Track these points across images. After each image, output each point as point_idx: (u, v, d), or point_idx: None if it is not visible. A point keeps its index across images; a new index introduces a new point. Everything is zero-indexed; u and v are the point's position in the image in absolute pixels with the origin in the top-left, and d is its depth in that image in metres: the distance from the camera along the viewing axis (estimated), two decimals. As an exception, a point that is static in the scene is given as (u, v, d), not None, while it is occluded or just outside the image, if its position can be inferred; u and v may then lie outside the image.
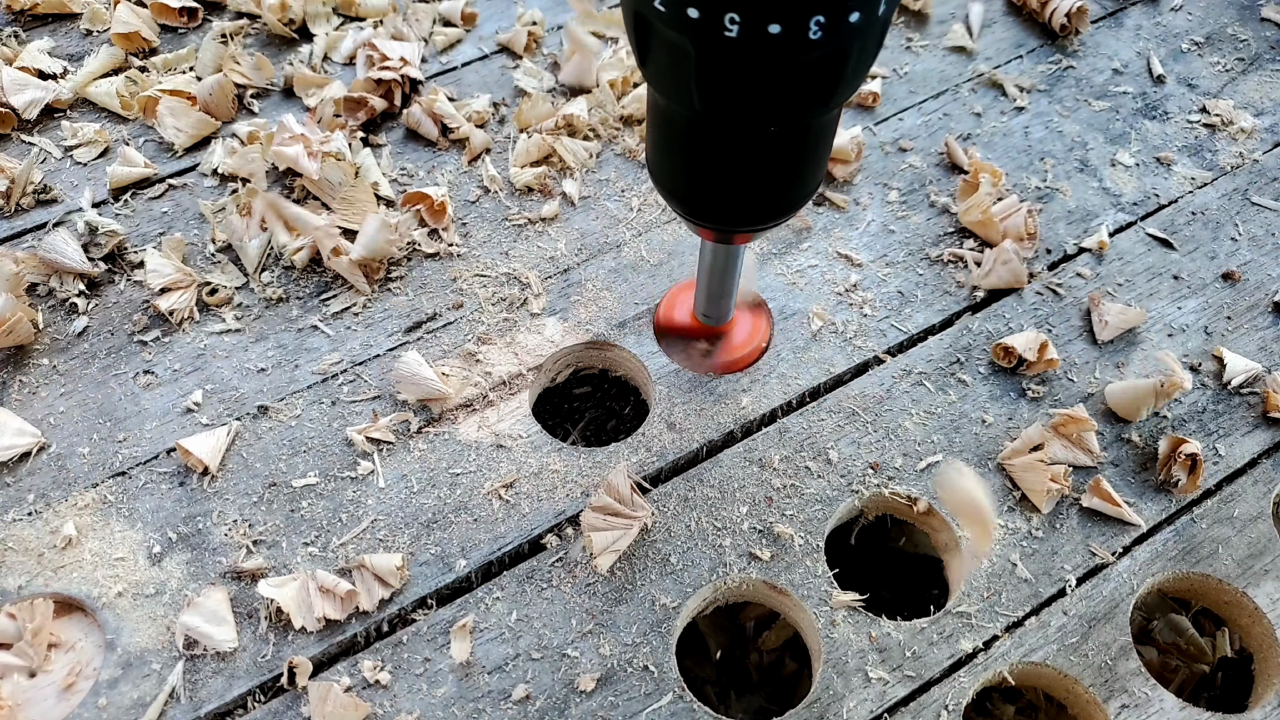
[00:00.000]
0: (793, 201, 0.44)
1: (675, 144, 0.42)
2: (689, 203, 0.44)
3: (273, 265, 0.63)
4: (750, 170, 0.41)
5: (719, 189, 0.43)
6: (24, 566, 0.50)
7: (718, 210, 0.44)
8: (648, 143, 0.45)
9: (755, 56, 0.34)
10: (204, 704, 0.47)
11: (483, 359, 0.59)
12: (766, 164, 0.41)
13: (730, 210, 0.44)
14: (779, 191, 0.43)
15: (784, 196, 0.43)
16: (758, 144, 0.40)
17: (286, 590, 0.49)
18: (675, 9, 0.34)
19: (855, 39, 0.34)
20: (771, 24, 0.33)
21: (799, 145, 0.41)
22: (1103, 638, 0.51)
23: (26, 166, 0.66)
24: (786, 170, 0.42)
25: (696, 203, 0.44)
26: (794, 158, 0.41)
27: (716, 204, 0.44)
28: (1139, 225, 0.68)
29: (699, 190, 0.43)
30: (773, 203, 0.43)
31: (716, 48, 0.34)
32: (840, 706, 0.48)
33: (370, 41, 0.74)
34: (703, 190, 0.43)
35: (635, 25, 0.37)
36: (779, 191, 0.43)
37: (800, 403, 0.58)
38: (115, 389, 0.57)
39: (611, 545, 0.50)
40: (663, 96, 0.39)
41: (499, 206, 0.67)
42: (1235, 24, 0.82)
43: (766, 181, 0.42)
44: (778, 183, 0.42)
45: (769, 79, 0.35)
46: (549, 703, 0.47)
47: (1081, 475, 0.56)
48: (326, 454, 0.55)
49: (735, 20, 0.33)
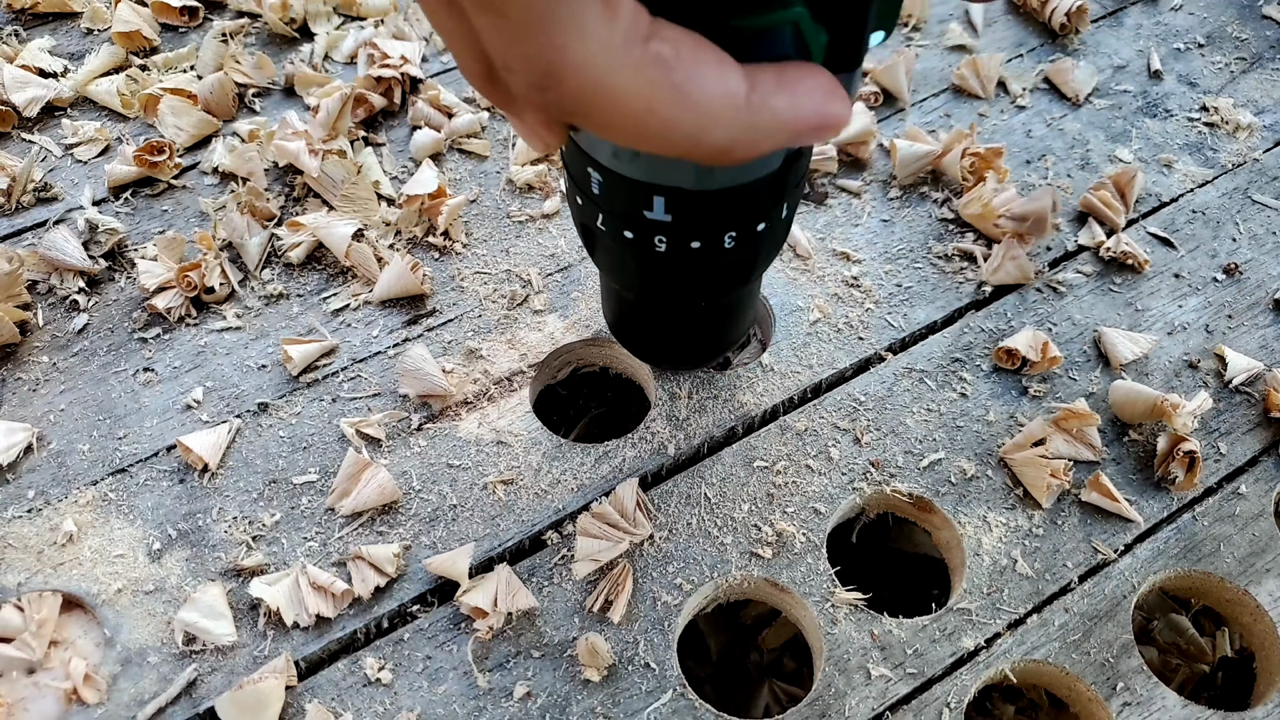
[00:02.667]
0: (716, 352, 0.53)
1: (618, 304, 0.50)
2: (629, 345, 0.54)
3: (273, 262, 0.63)
4: (684, 333, 0.50)
5: (653, 342, 0.52)
6: (23, 564, 0.50)
7: (651, 355, 0.55)
8: (604, 305, 0.53)
9: (682, 263, 0.41)
10: (203, 700, 0.47)
11: (484, 355, 0.59)
12: (699, 326, 0.49)
13: (661, 357, 0.55)
14: (704, 346, 0.52)
15: (708, 349, 0.52)
16: (691, 312, 0.48)
17: (278, 588, 0.49)
18: (614, 231, 0.40)
19: (764, 240, 0.41)
20: (693, 241, 0.39)
21: (723, 310, 0.49)
22: (1105, 635, 0.50)
23: (27, 164, 0.66)
24: (710, 332, 0.50)
25: (635, 347, 0.54)
26: (718, 322, 0.50)
27: (651, 352, 0.54)
28: (1140, 224, 0.68)
29: (636, 340, 0.53)
30: (698, 354, 0.53)
31: (649, 257, 0.41)
32: (842, 704, 0.48)
33: (371, 40, 0.75)
34: (639, 341, 0.53)
35: (582, 231, 0.44)
36: (704, 346, 0.52)
37: (802, 400, 0.58)
38: (115, 386, 0.57)
39: (594, 554, 0.50)
40: (612, 280, 0.47)
41: (499, 204, 0.67)
42: (1235, 23, 0.82)
43: (698, 340, 0.51)
44: (703, 340, 0.51)
45: (695, 275, 0.42)
46: (550, 700, 0.47)
47: (1084, 471, 0.56)
48: (327, 451, 0.55)
49: (663, 240, 0.39)
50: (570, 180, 0.41)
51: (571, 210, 0.43)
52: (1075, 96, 0.75)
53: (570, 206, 0.43)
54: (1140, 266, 0.65)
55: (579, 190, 0.40)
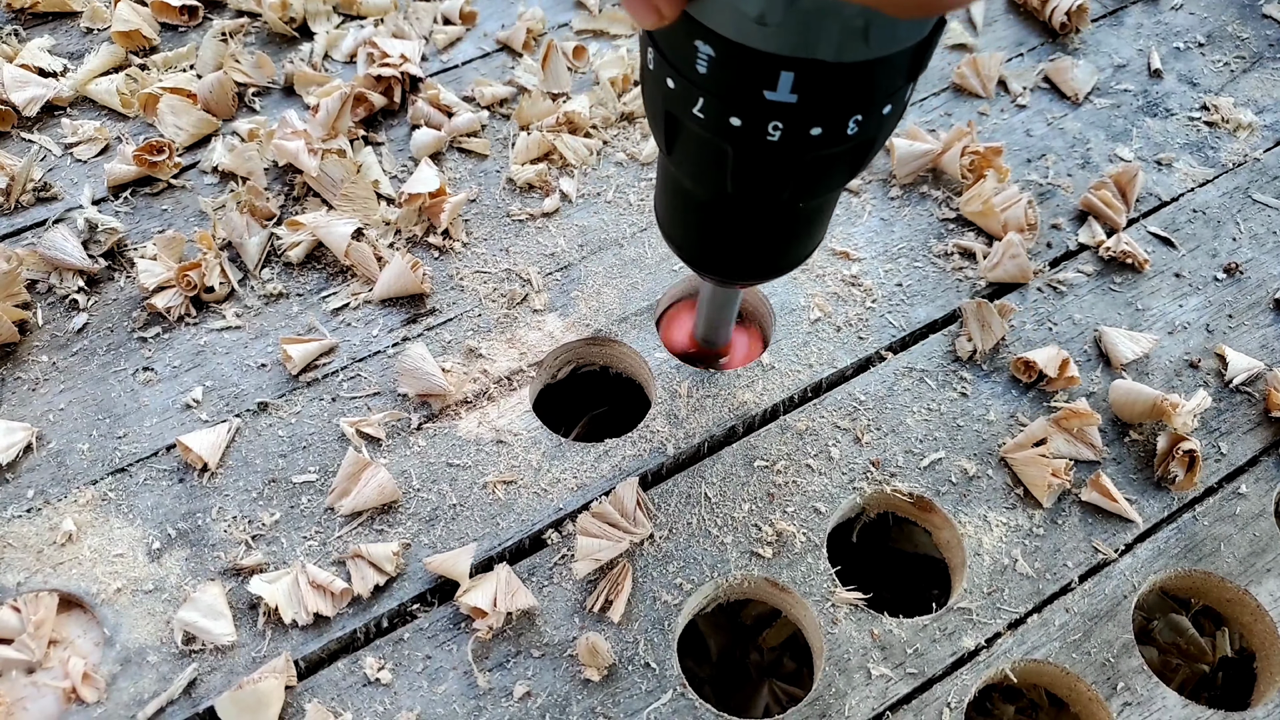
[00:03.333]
0: (799, 258, 0.46)
1: (692, 215, 0.44)
2: (698, 260, 0.47)
3: (273, 261, 0.63)
4: (766, 237, 0.44)
5: (732, 251, 0.45)
6: (23, 563, 0.50)
7: (726, 267, 0.46)
8: (659, 201, 0.47)
9: (795, 154, 0.36)
10: (202, 700, 0.47)
11: (483, 355, 0.59)
12: (783, 231, 0.43)
13: (739, 268, 0.46)
14: (789, 253, 0.45)
15: (792, 256, 0.46)
16: (779, 216, 0.42)
17: (277, 587, 0.49)
18: (716, 118, 0.35)
19: (885, 124, 0.37)
20: (814, 128, 0.35)
21: (814, 213, 0.43)
22: (1105, 635, 0.50)
23: (26, 164, 0.66)
24: (799, 235, 0.44)
25: (706, 260, 0.46)
26: (807, 224, 0.44)
27: (727, 262, 0.46)
28: (1140, 223, 0.68)
29: (710, 250, 0.45)
30: (782, 262, 0.46)
31: (756, 149, 0.36)
32: (842, 704, 0.48)
33: (371, 39, 0.74)
34: (714, 251, 0.45)
35: (665, 123, 0.38)
36: (789, 253, 0.45)
37: (802, 399, 0.58)
38: (115, 385, 0.57)
39: (594, 554, 0.50)
40: (689, 178, 0.41)
41: (499, 203, 0.67)
42: (1236, 22, 0.82)
43: (780, 245, 0.45)
44: (790, 245, 0.45)
45: (805, 169, 0.37)
46: (550, 700, 0.47)
47: (1084, 470, 0.56)
48: (326, 450, 0.55)
49: (778, 127, 0.35)
50: (659, 63, 0.36)
51: (652, 101, 0.38)
52: (1075, 95, 0.75)
53: (650, 97, 0.39)
54: (1141, 266, 0.65)
55: (674, 72, 0.36)
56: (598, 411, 0.70)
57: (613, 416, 0.69)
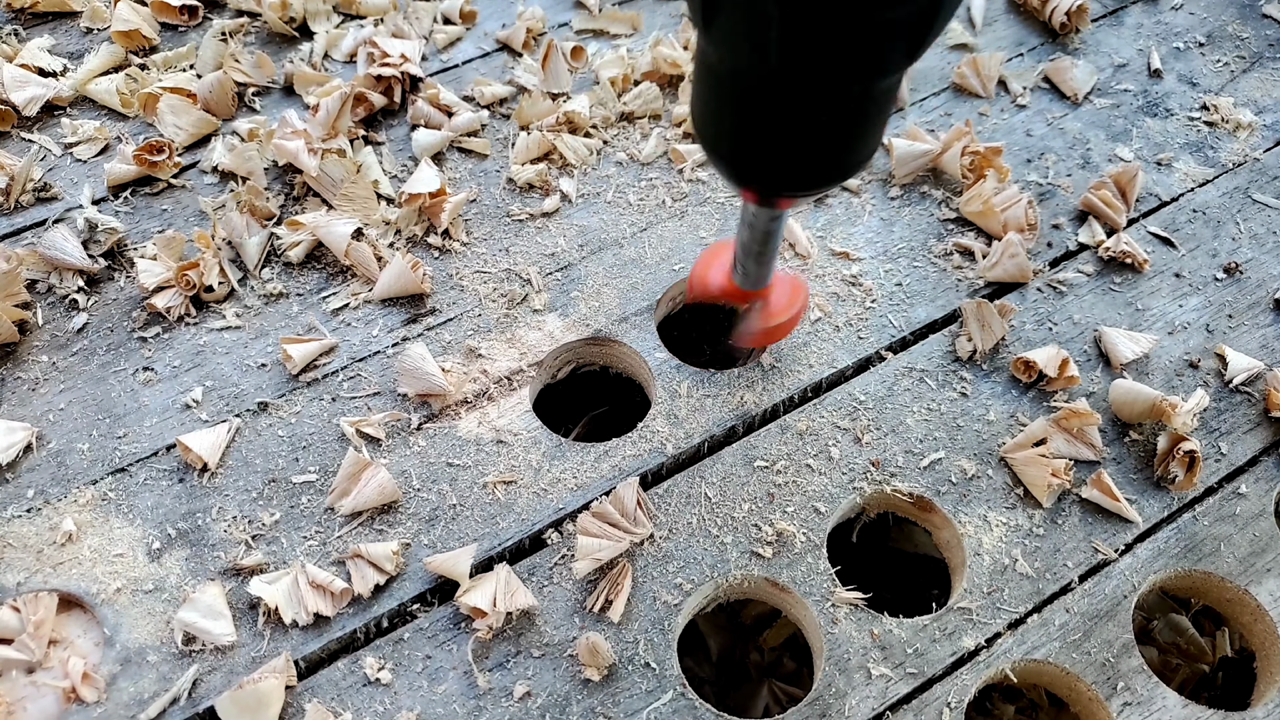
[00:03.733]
0: (848, 166, 0.42)
1: (731, 104, 0.40)
2: (739, 164, 0.43)
3: (273, 261, 0.63)
4: (811, 131, 0.40)
5: (775, 150, 0.41)
6: (23, 563, 0.50)
7: (769, 172, 0.42)
8: (696, 106, 0.43)
9: (849, 15, 0.33)
10: (202, 700, 0.47)
11: (483, 354, 0.59)
12: (830, 125, 0.39)
13: (783, 172, 0.42)
14: (836, 155, 0.41)
15: (840, 160, 0.42)
16: (826, 104, 0.38)
17: (277, 587, 0.49)
18: None
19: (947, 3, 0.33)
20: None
21: (864, 107, 0.39)
22: (1105, 635, 0.50)
23: (26, 164, 0.66)
24: (846, 133, 0.40)
25: (748, 165, 0.42)
26: (857, 120, 0.40)
27: (770, 166, 0.42)
28: (1140, 223, 0.68)
29: (752, 152, 0.42)
30: (828, 166, 0.42)
31: (806, 8, 0.33)
32: (842, 704, 0.48)
33: (371, 39, 0.74)
34: (756, 152, 0.41)
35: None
36: (836, 155, 0.41)
37: (802, 399, 0.58)
38: (115, 385, 0.57)
39: (594, 553, 0.50)
40: (730, 56, 0.38)
41: (499, 203, 0.67)
42: (1236, 22, 0.82)
43: (826, 143, 0.40)
44: (837, 145, 0.41)
45: (859, 36, 0.34)
46: (550, 700, 0.47)
47: (1084, 470, 0.56)
48: (326, 450, 0.55)
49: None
50: None
51: None
52: (1075, 95, 0.75)
53: None
54: (1140, 266, 0.65)
55: None
56: (598, 411, 0.70)
57: (613, 416, 0.69)
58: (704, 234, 0.65)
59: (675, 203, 0.67)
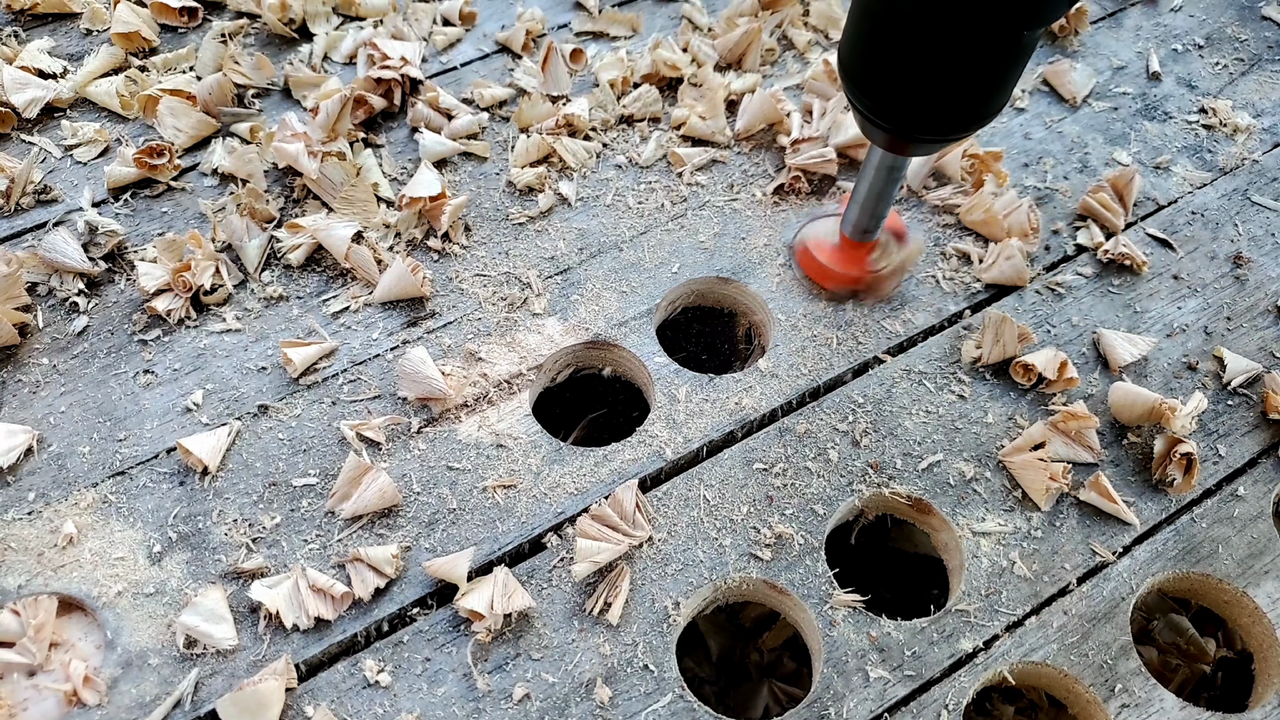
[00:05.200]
0: (984, 114, 0.45)
1: (886, 43, 0.43)
2: (881, 101, 0.45)
3: (273, 264, 0.63)
4: (961, 75, 0.42)
5: (920, 90, 0.43)
6: (24, 566, 0.50)
7: (911, 113, 0.45)
8: (847, 45, 0.46)
9: None
10: (204, 703, 0.47)
11: (483, 358, 0.59)
12: (979, 71, 0.42)
13: (926, 114, 0.44)
14: (977, 101, 0.44)
15: (979, 107, 0.44)
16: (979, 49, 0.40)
17: (278, 591, 0.49)
18: None
19: None
20: None
21: (1015, 56, 0.42)
22: (1103, 637, 0.51)
23: (26, 166, 0.66)
24: (990, 80, 0.43)
25: (890, 103, 0.45)
26: (1001, 69, 0.42)
27: (913, 106, 0.44)
28: (1139, 225, 0.68)
29: (897, 91, 0.44)
30: (968, 111, 0.44)
31: None
32: (840, 706, 0.48)
33: (371, 41, 0.74)
34: (900, 91, 0.44)
35: None
36: (977, 101, 0.44)
37: (800, 402, 0.58)
38: (115, 388, 0.57)
39: (593, 556, 0.50)
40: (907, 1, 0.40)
41: (499, 205, 0.67)
42: (1235, 24, 0.82)
43: (972, 88, 0.43)
44: (980, 92, 0.43)
45: None
46: (549, 702, 0.47)
47: (1082, 473, 0.56)
48: (326, 453, 0.55)
49: None
50: None
51: None
52: (1073, 98, 0.75)
53: None
54: (1139, 268, 0.65)
55: None
56: (597, 414, 0.70)
57: (612, 419, 0.69)
58: (702, 238, 0.65)
59: (674, 206, 0.67)
